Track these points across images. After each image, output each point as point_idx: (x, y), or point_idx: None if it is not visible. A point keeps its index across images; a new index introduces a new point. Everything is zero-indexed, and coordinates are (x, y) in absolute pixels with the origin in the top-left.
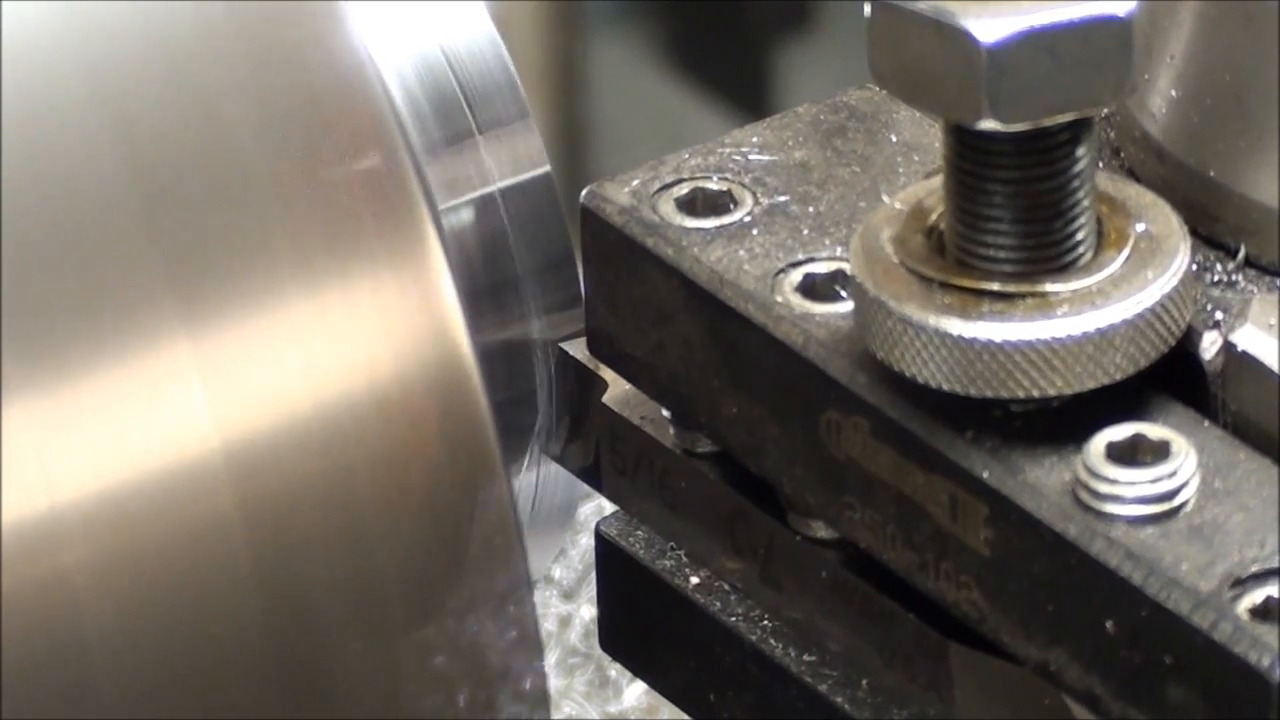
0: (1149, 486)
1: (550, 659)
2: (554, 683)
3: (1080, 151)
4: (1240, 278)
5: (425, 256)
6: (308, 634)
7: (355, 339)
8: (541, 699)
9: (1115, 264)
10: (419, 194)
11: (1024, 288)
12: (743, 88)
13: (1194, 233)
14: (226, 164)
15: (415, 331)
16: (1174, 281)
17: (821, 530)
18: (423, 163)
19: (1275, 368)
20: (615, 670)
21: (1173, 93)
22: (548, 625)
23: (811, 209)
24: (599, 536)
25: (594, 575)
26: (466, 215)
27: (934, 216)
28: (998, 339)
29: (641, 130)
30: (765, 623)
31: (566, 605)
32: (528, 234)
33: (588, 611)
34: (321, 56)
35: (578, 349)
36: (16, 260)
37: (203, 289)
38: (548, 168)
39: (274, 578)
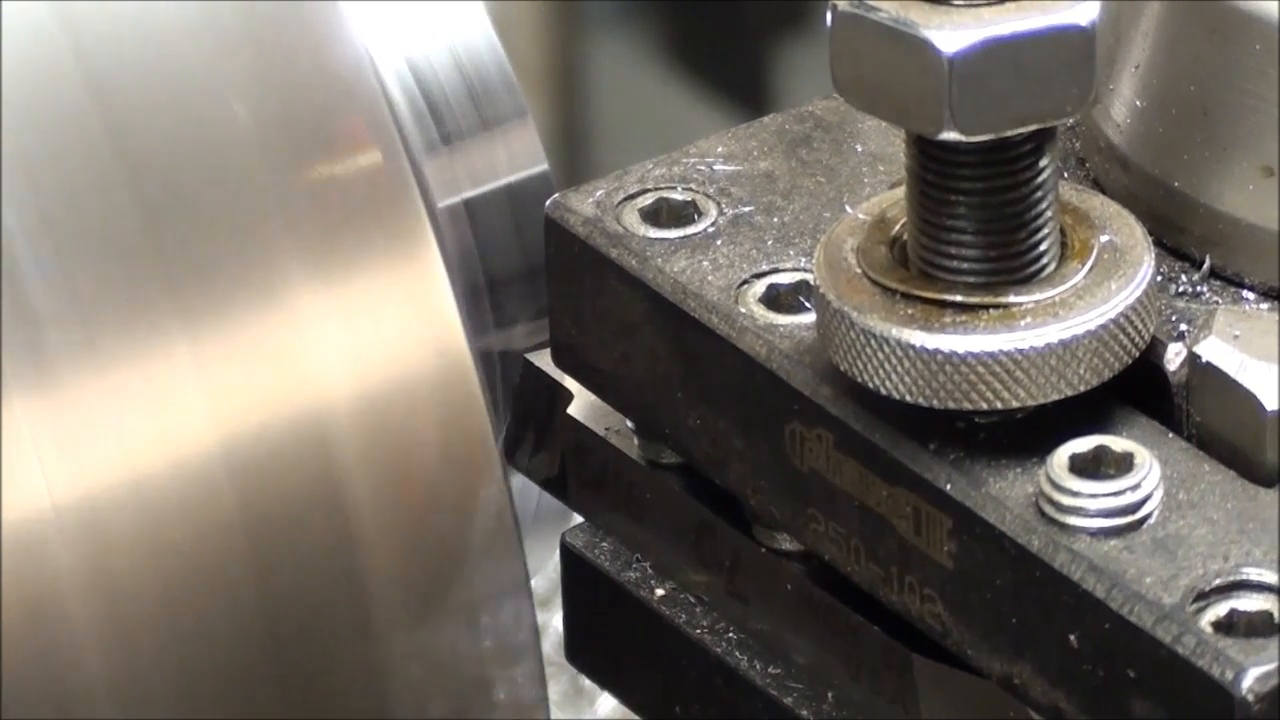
0: (1112, 499)
1: None
2: None
3: (1043, 162)
4: (1205, 289)
5: (423, 256)
6: (305, 633)
7: (353, 338)
8: (539, 699)
9: (1079, 275)
10: (417, 193)
11: (987, 299)
12: (742, 88)
13: (1159, 243)
14: (225, 163)
15: (413, 330)
16: (1138, 293)
17: (786, 543)
18: (421, 162)
19: (1239, 379)
20: (588, 680)
21: (1138, 103)
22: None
23: (776, 219)
24: (564, 548)
25: None
26: (465, 214)
27: (897, 227)
28: (960, 350)
29: (641, 130)
30: (731, 635)
31: (541, 614)
32: (526, 233)
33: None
34: (321, 56)
35: (543, 360)
36: (16, 260)
37: (202, 289)
38: (546, 166)
39: (272, 577)
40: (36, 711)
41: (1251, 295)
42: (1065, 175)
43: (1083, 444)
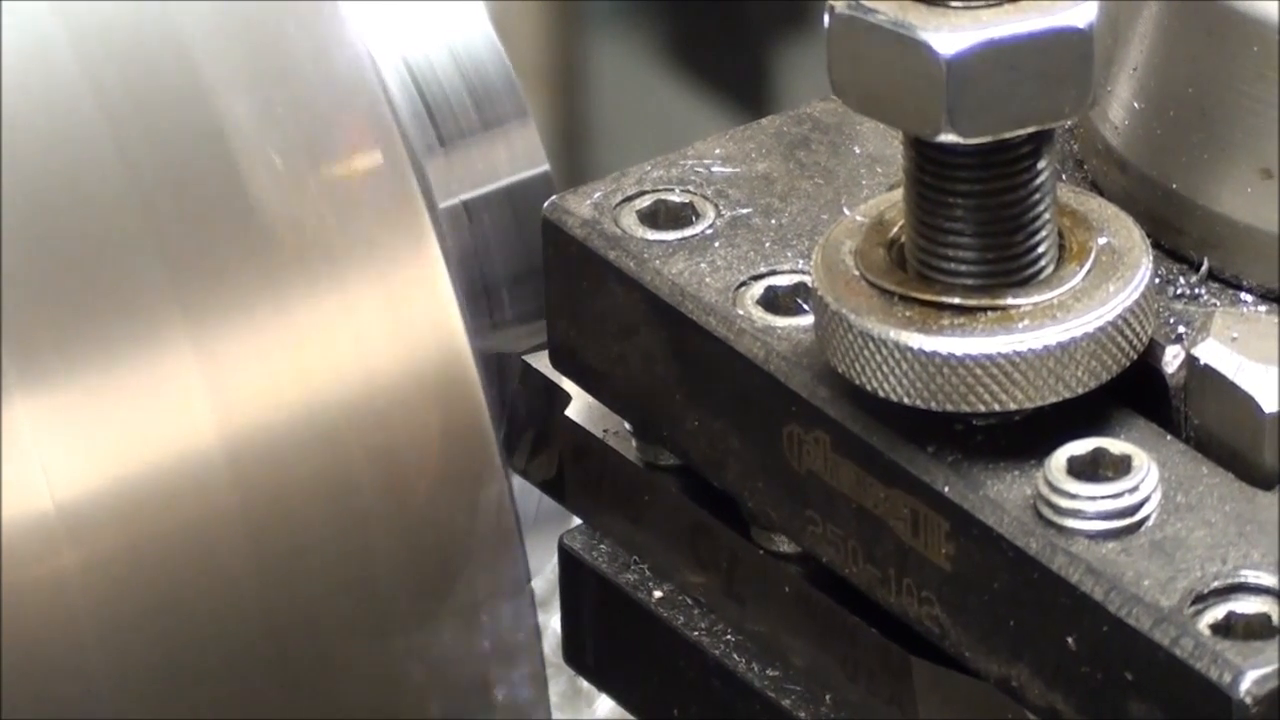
0: (1110, 501)
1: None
2: None
3: (1041, 164)
4: (1203, 291)
5: (424, 256)
6: (307, 634)
7: (355, 338)
8: (538, 699)
9: (1077, 277)
10: (418, 193)
11: (985, 301)
12: (742, 88)
13: (1157, 246)
14: (226, 163)
15: (415, 330)
16: (1136, 295)
17: (784, 544)
18: (422, 162)
19: (1237, 381)
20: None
21: (1135, 104)
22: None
23: (774, 221)
24: (562, 549)
25: None
26: (466, 214)
27: (895, 229)
28: (958, 353)
29: (641, 130)
30: (728, 637)
31: (540, 615)
32: (527, 234)
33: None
34: (322, 57)
35: (541, 362)
36: (17, 260)
37: (203, 289)
38: (546, 167)
39: (274, 578)
40: (37, 710)
41: (1249, 297)
42: (1063, 177)
43: (1081, 446)
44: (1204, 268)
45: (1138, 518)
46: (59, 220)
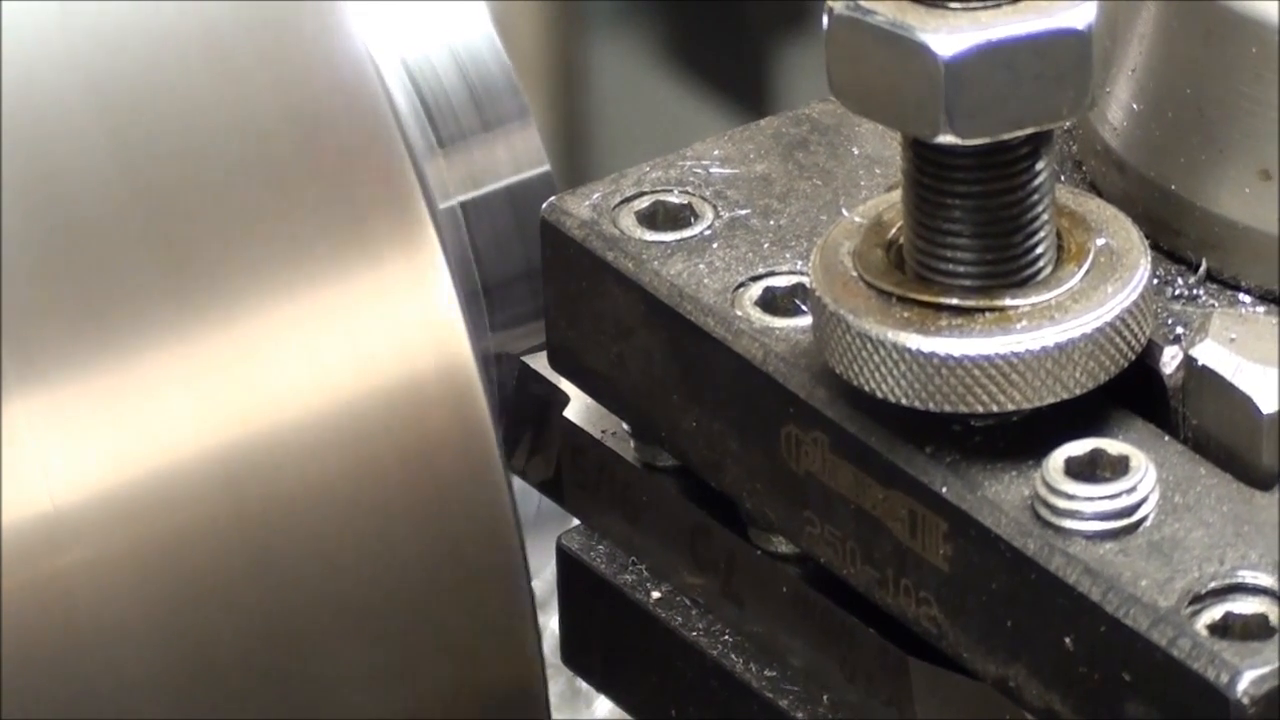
0: (1108, 502)
1: None
2: None
3: (1040, 165)
4: (1201, 292)
5: (425, 257)
6: (304, 635)
7: (355, 339)
8: (538, 698)
9: (1075, 278)
10: (418, 194)
11: (983, 302)
12: (743, 88)
13: (1155, 247)
14: (227, 165)
15: (415, 331)
16: (1134, 296)
17: (782, 545)
18: (422, 162)
19: (1235, 382)
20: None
21: (1134, 105)
22: None
23: (772, 222)
24: (560, 550)
25: None
26: (466, 215)
27: (893, 230)
28: (956, 354)
29: (641, 130)
30: (726, 638)
31: (539, 616)
32: (528, 234)
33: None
34: (322, 56)
35: (539, 362)
36: (16, 261)
37: (202, 290)
38: (547, 167)
39: (271, 578)
40: (34, 711)
41: (1248, 298)
42: (1062, 178)
43: (1078, 447)
44: (1202, 268)
45: (1135, 518)
46: (58, 221)
